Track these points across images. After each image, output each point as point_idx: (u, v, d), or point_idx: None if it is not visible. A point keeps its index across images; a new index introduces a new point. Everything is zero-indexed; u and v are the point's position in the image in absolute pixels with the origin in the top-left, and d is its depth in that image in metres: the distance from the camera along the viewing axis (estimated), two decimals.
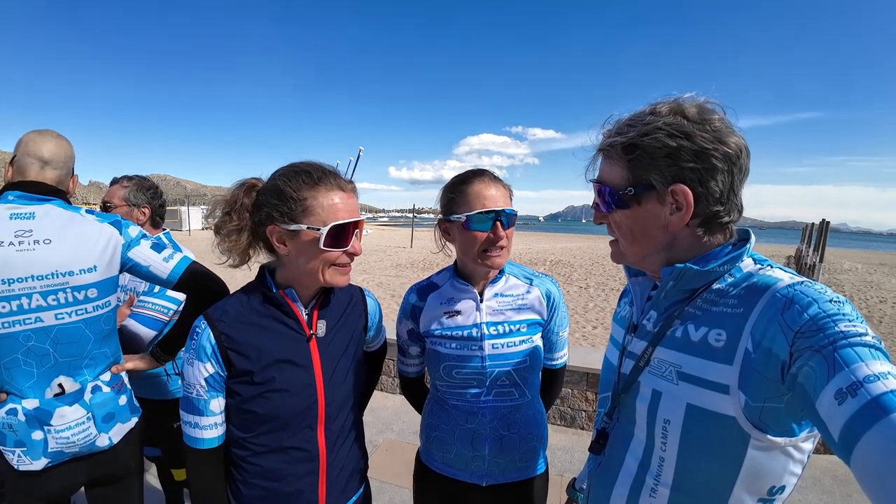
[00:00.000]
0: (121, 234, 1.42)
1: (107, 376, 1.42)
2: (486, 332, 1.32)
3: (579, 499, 1.20)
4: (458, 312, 1.34)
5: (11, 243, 1.25)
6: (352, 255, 1.14)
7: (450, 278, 1.39)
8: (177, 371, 2.11)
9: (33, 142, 1.39)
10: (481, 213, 1.23)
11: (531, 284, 1.39)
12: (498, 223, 1.24)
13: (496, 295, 1.35)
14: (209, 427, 1.11)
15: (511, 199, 1.31)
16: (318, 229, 1.06)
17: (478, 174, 1.29)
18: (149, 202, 2.17)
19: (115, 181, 2.17)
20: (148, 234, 1.51)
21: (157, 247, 1.48)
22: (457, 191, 1.29)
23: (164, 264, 1.45)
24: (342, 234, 1.09)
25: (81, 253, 1.32)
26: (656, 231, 0.83)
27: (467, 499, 1.39)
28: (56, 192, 1.39)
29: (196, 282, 1.48)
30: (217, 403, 1.11)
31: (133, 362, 1.52)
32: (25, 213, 1.30)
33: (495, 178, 1.29)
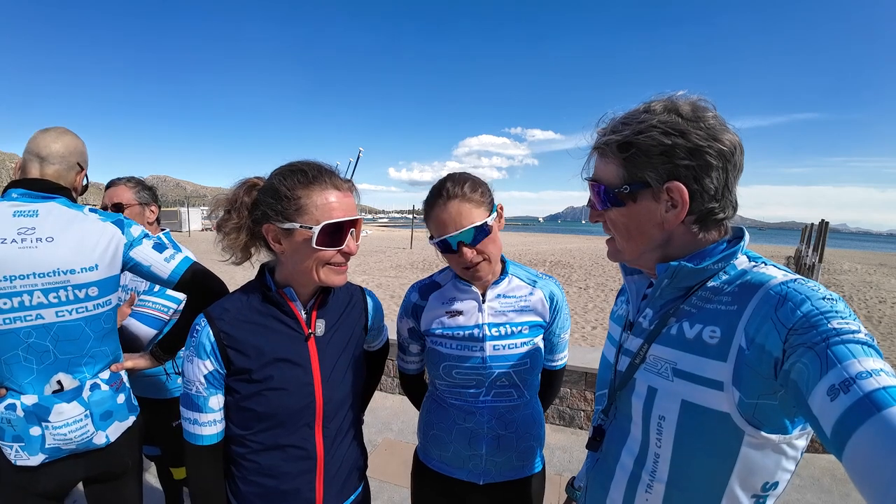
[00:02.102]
0: (123, 233, 1.42)
1: (106, 374, 1.43)
2: (487, 333, 1.31)
3: (577, 497, 1.20)
4: (460, 312, 1.34)
5: (14, 240, 1.26)
6: (347, 255, 1.14)
7: (452, 278, 1.39)
8: (177, 370, 2.11)
9: (34, 139, 1.40)
10: (442, 240, 1.22)
11: (534, 286, 1.38)
12: (462, 247, 1.21)
13: (499, 296, 1.35)
14: (208, 424, 1.12)
15: (485, 201, 1.24)
16: (311, 228, 1.06)
17: (435, 195, 1.24)
18: (155, 201, 2.23)
19: (114, 182, 2.18)
20: (150, 233, 1.52)
21: (159, 247, 1.49)
22: (426, 213, 1.29)
23: (165, 264, 1.46)
24: (336, 233, 1.09)
25: (83, 251, 1.33)
26: (652, 228, 0.83)
27: (464, 497, 1.39)
28: (59, 190, 1.39)
29: (197, 282, 1.49)
30: (216, 400, 1.12)
31: (132, 361, 1.53)
32: (29, 211, 1.31)
33: (452, 195, 1.21)
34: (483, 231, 1.22)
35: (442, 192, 1.23)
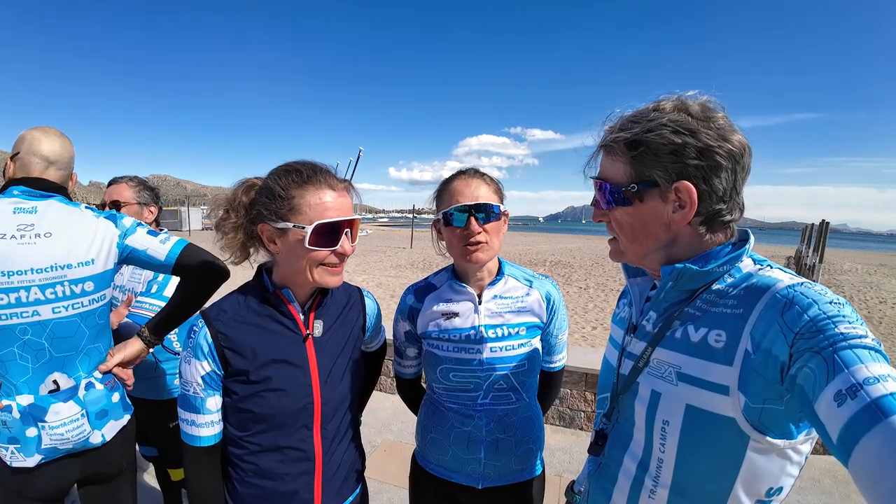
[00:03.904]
0: (116, 226, 1.45)
1: (99, 373, 1.43)
2: (484, 334, 1.30)
3: (577, 501, 1.19)
4: (456, 314, 1.33)
5: (13, 236, 1.28)
6: (342, 256, 1.12)
7: (448, 279, 1.37)
8: (157, 360, 2.07)
9: (38, 141, 1.41)
10: (455, 208, 1.24)
11: (531, 286, 1.37)
12: (472, 218, 1.23)
13: (495, 297, 1.33)
14: (206, 425, 1.11)
15: (499, 195, 1.31)
16: (304, 228, 1.05)
17: (461, 172, 1.31)
18: (155, 202, 2.22)
19: (115, 180, 2.18)
20: (143, 222, 1.54)
21: (153, 233, 1.51)
22: (441, 189, 1.31)
23: (161, 246, 1.47)
24: (330, 234, 1.08)
25: (80, 246, 1.35)
26: (658, 229, 0.82)
27: (463, 501, 1.38)
28: (58, 189, 1.42)
29: (194, 261, 1.49)
30: (214, 402, 1.11)
31: (119, 353, 1.47)
32: (28, 208, 1.33)
33: (477, 174, 1.30)
34: (494, 213, 1.26)
35: (467, 170, 1.31)
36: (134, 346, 1.51)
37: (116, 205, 2.09)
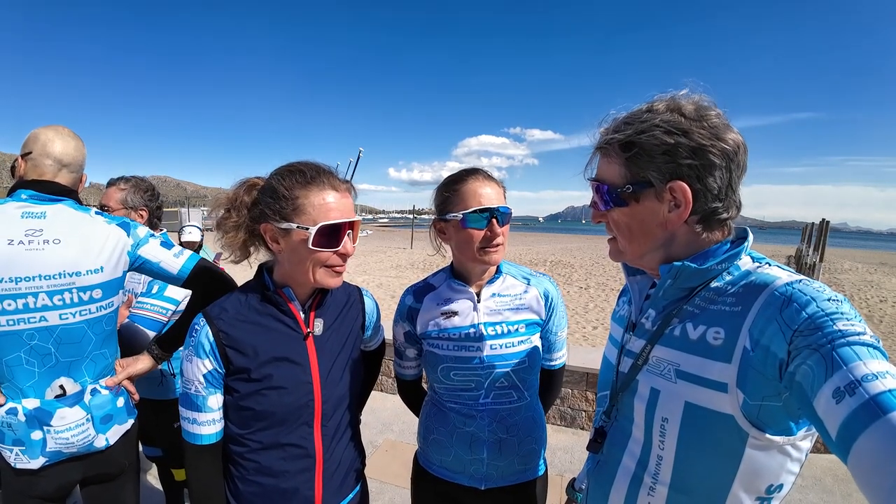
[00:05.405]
0: (129, 235, 1.44)
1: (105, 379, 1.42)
2: (484, 332, 1.30)
3: (578, 498, 1.20)
4: (456, 313, 1.33)
5: (21, 242, 1.26)
6: (344, 256, 1.13)
7: (446, 279, 1.38)
8: (172, 372, 2.09)
9: (52, 142, 1.39)
10: (476, 211, 1.23)
11: (529, 284, 1.38)
12: (493, 220, 1.24)
13: (494, 295, 1.34)
14: (207, 423, 1.11)
15: (505, 197, 1.31)
16: (308, 228, 1.06)
17: (472, 172, 1.29)
18: (146, 205, 2.14)
19: (111, 182, 2.13)
20: (156, 234, 1.52)
21: (166, 244, 1.50)
22: (451, 189, 1.28)
23: (174, 260, 1.48)
24: (333, 235, 1.09)
25: (90, 253, 1.33)
26: (655, 228, 0.83)
27: (465, 502, 1.38)
28: (68, 192, 1.40)
29: (205, 277, 1.49)
30: (215, 400, 1.12)
31: (130, 367, 1.48)
32: (37, 213, 1.32)
33: (489, 177, 1.29)
34: (509, 215, 1.28)
35: (479, 171, 1.30)
36: (143, 363, 1.52)
37: (102, 209, 2.07)
